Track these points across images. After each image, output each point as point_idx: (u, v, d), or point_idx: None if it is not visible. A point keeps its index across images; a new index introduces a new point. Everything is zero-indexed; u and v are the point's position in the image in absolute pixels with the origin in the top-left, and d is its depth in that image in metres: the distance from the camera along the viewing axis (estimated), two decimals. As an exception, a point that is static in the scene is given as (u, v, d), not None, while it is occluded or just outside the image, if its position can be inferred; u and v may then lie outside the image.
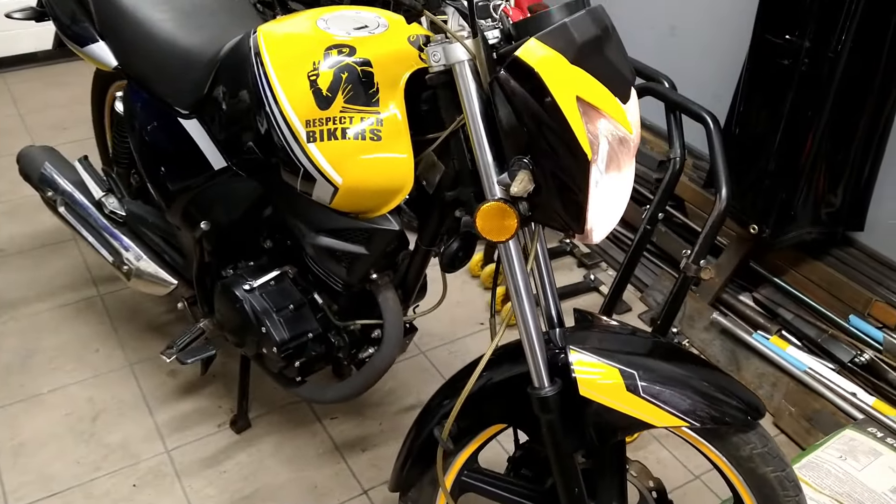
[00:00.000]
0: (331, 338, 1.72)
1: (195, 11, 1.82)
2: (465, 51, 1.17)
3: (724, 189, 1.83)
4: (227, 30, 1.78)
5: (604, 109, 1.16)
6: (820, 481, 1.53)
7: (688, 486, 2.00)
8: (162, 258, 2.03)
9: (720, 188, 1.83)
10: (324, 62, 1.37)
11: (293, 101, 1.37)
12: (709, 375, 1.31)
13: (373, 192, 1.39)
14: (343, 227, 1.46)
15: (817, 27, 1.88)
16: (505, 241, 1.22)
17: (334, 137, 1.35)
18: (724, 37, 2.41)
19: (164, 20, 1.79)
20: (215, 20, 1.81)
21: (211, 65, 1.68)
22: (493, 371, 1.37)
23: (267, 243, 1.80)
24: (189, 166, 1.74)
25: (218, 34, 1.75)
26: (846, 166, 2.06)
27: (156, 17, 1.79)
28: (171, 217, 1.85)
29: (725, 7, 2.40)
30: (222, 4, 1.88)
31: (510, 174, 1.16)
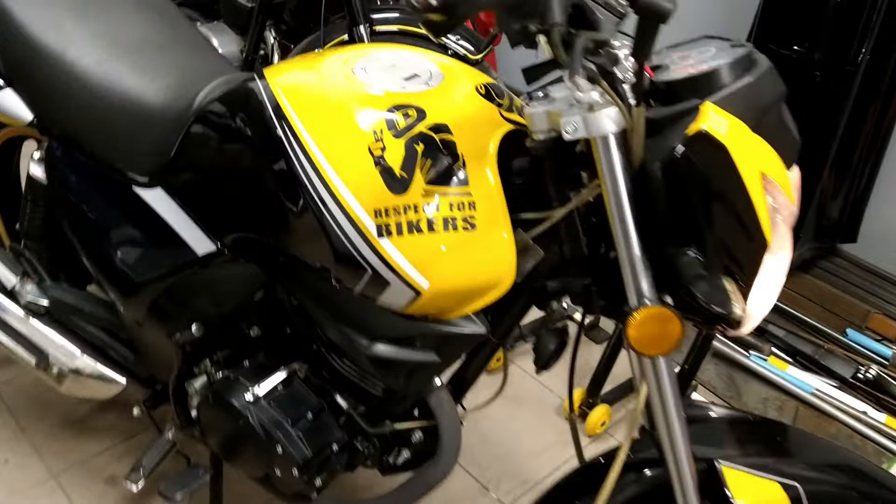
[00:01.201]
0: (357, 445, 1.41)
1: (139, 48, 1.43)
2: (618, 120, 0.92)
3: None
4: (187, 71, 1.41)
5: (778, 182, 0.96)
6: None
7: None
8: (104, 353, 1.63)
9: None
10: (388, 130, 1.06)
11: (353, 185, 1.05)
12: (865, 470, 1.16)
13: (464, 292, 1.10)
14: (411, 333, 1.16)
15: (832, 38, 1.76)
16: (664, 354, 0.99)
17: (416, 230, 1.05)
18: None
19: (100, 61, 1.39)
20: (168, 58, 1.43)
21: (178, 120, 1.32)
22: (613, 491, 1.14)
23: (254, 331, 1.45)
24: (158, 251, 1.37)
25: (177, 78, 1.38)
26: (847, 179, 1.98)
27: (88, 56, 1.39)
28: (129, 312, 1.46)
29: (715, 19, 2.25)
30: (170, 37, 1.49)
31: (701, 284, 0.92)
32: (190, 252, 1.33)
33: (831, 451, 1.20)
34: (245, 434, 1.36)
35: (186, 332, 1.36)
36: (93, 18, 1.44)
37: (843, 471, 1.13)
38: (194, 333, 1.37)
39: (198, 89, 1.34)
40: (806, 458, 1.14)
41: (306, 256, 1.16)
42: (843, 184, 2.00)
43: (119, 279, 1.41)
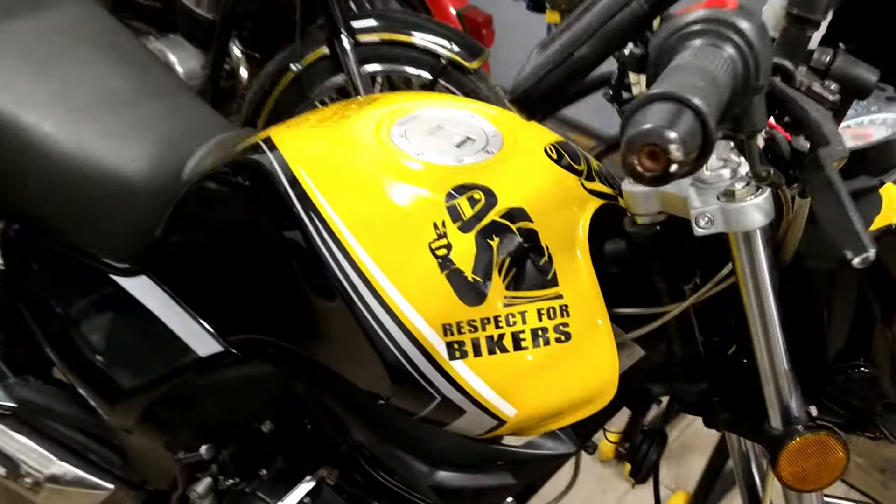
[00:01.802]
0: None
1: (108, 106, 1.18)
2: (767, 211, 0.71)
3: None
4: (169, 131, 1.17)
5: None
6: None
7: None
8: (84, 457, 1.38)
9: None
10: (451, 221, 0.83)
11: (414, 296, 0.83)
12: None
13: (556, 412, 0.89)
14: (485, 457, 0.95)
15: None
16: (824, 487, 0.79)
17: (499, 349, 0.82)
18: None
19: (62, 125, 1.14)
20: (144, 116, 1.18)
21: (163, 194, 1.09)
22: None
23: (266, 426, 1.22)
24: (149, 351, 1.14)
25: (158, 141, 1.14)
26: None
27: (48, 121, 1.13)
28: (115, 421, 1.22)
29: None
30: (143, 88, 1.24)
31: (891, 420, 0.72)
32: (189, 352, 1.10)
33: None
34: (270, 560, 1.14)
35: (193, 453, 1.13)
36: (50, 75, 1.18)
37: None
38: (203, 455, 1.13)
39: (185, 154, 1.11)
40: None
41: (348, 375, 0.94)
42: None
43: (101, 385, 1.17)
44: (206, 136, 1.14)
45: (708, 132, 0.50)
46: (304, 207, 0.88)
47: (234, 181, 1.01)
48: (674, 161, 0.49)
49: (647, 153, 0.50)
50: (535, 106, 0.68)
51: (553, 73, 0.66)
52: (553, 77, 0.66)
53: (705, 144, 0.50)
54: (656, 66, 0.58)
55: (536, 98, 0.67)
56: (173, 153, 1.11)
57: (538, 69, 0.66)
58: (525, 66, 0.69)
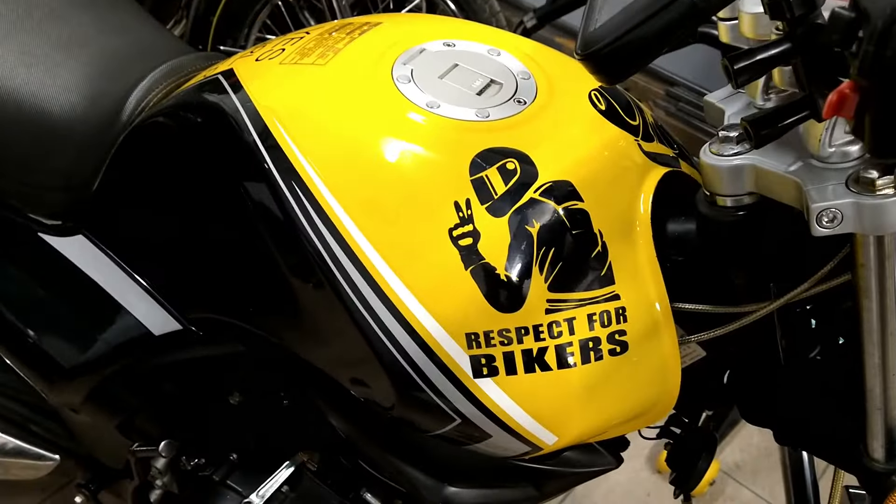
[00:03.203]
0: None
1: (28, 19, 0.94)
2: None
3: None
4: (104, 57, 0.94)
5: None
6: None
7: None
8: (25, 428, 1.21)
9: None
10: (477, 199, 0.64)
11: (428, 298, 0.64)
12: None
13: (601, 433, 0.72)
14: (507, 473, 0.78)
15: None
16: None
17: (539, 366, 0.64)
18: None
19: None
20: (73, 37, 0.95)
21: (98, 134, 0.88)
22: None
23: (234, 397, 1.05)
24: (89, 325, 0.94)
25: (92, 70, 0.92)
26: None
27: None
28: (57, 400, 1.03)
29: None
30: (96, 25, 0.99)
31: None
32: (140, 328, 0.91)
33: None
34: (245, 557, 0.99)
35: (149, 448, 0.96)
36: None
37: None
38: (162, 454, 0.96)
39: (127, 85, 0.89)
40: None
41: (339, 379, 0.75)
42: None
43: (36, 363, 0.98)
44: (152, 60, 0.91)
45: None
46: (281, 171, 0.68)
47: (187, 125, 0.80)
48: None
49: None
50: (622, 66, 0.48)
51: (651, 21, 0.46)
52: (651, 26, 0.46)
53: None
54: None
55: (623, 56, 0.47)
56: (113, 83, 0.89)
57: (628, 17, 0.46)
58: (596, 11, 0.49)
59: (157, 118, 0.83)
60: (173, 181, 0.83)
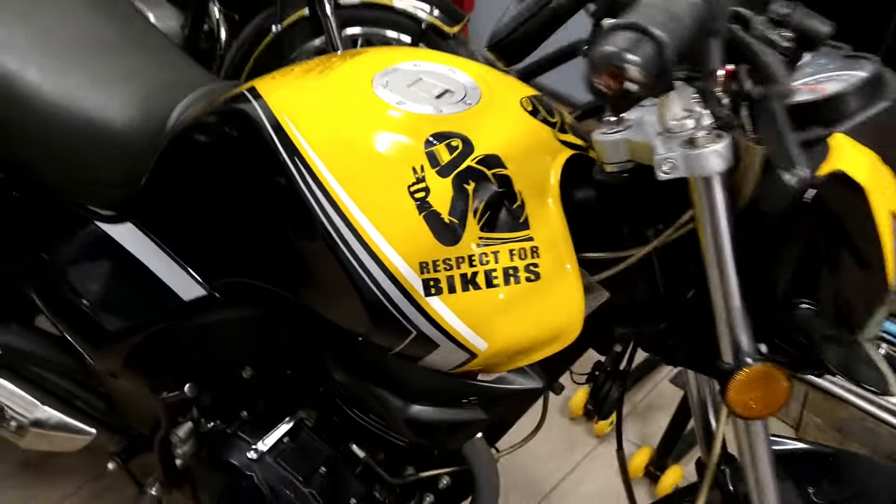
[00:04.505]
0: (377, 495, 1.25)
1: (92, 52, 1.20)
2: (727, 157, 0.76)
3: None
4: (153, 80, 1.19)
5: None
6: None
7: None
8: (68, 402, 1.42)
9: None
10: (430, 166, 0.88)
11: (393, 236, 0.87)
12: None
13: (524, 348, 0.94)
14: (456, 391, 1.00)
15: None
16: (769, 416, 0.86)
17: (472, 286, 0.87)
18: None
19: (47, 76, 1.15)
20: (128, 65, 1.21)
21: (148, 143, 1.12)
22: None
23: (246, 371, 1.27)
24: (133, 296, 1.17)
25: (143, 89, 1.17)
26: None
27: (32, 72, 1.15)
28: (101, 365, 1.25)
29: None
30: (125, 36, 1.26)
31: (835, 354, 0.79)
32: (173, 297, 1.14)
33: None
34: (250, 495, 1.19)
35: (177, 392, 1.17)
36: (32, 20, 1.19)
37: None
38: (187, 394, 1.18)
39: (170, 104, 1.14)
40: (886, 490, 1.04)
41: (328, 314, 0.98)
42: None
43: (87, 330, 1.20)
44: (191, 87, 1.16)
45: (665, 60, 0.56)
46: (289, 153, 0.92)
47: (219, 129, 1.04)
48: (632, 81, 0.55)
49: (609, 73, 0.56)
50: (513, 53, 0.72)
51: (530, 22, 0.71)
52: (530, 25, 0.71)
53: (662, 71, 0.56)
54: (624, 4, 0.63)
55: (514, 45, 0.72)
56: (159, 102, 1.14)
57: (516, 18, 0.70)
58: (504, 16, 0.74)
59: (194, 125, 1.08)
60: (206, 173, 1.07)
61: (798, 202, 0.75)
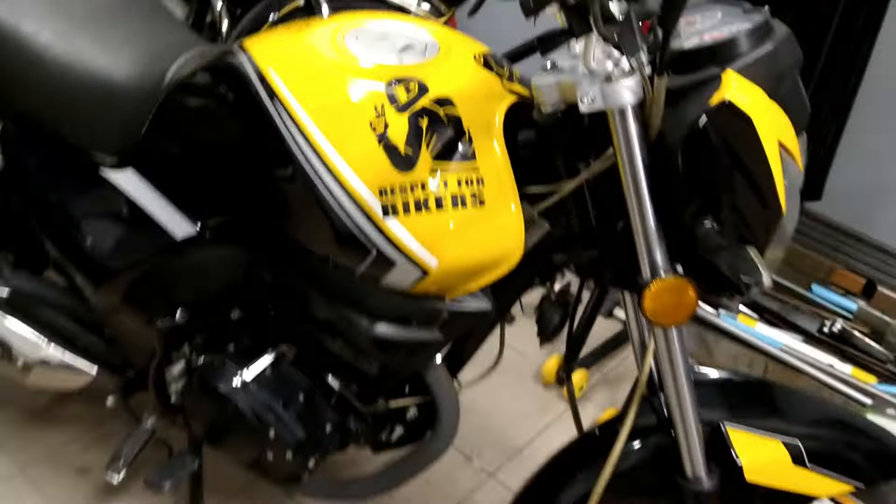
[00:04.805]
0: (350, 425, 1.38)
1: (100, 18, 1.34)
2: (636, 91, 0.89)
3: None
4: (153, 43, 1.33)
5: (791, 150, 0.95)
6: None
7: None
8: (71, 342, 1.54)
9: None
10: (389, 104, 1.01)
11: (356, 164, 1.00)
12: (858, 425, 1.19)
13: (471, 269, 1.07)
14: (414, 311, 1.13)
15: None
16: (679, 323, 0.98)
17: (424, 208, 1.00)
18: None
19: (58, 36, 1.29)
20: (132, 29, 1.34)
21: (147, 97, 1.25)
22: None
23: (235, 313, 1.40)
24: (131, 236, 1.30)
25: (144, 50, 1.30)
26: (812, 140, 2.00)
27: (45, 30, 1.29)
28: (102, 300, 1.38)
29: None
30: (129, 6, 1.40)
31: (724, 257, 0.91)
32: (167, 236, 1.27)
33: (824, 407, 1.23)
34: (235, 420, 1.32)
35: (168, 318, 1.30)
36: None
37: (835, 425, 1.16)
38: (177, 320, 1.31)
39: (167, 62, 1.27)
40: (802, 415, 1.17)
41: (302, 239, 1.11)
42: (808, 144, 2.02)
43: (90, 267, 1.34)
44: (186, 47, 1.30)
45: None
46: (269, 97, 1.06)
47: (210, 80, 1.18)
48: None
49: None
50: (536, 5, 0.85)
51: None
52: None
53: None
54: None
55: None
56: (157, 61, 1.27)
57: None
58: None
59: (188, 78, 1.21)
60: (199, 120, 1.21)
61: (694, 130, 0.88)
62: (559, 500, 1.18)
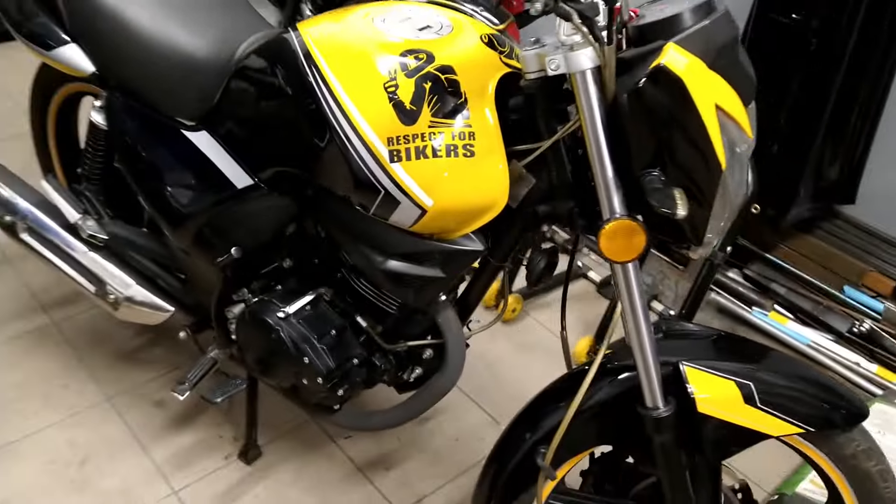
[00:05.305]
0: (375, 361, 1.59)
1: (187, 7, 1.62)
2: (594, 57, 1.07)
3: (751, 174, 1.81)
4: (228, 28, 1.59)
5: (734, 115, 1.11)
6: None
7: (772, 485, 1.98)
8: (155, 284, 1.83)
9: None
10: (401, 71, 1.23)
11: (370, 118, 1.23)
12: (811, 376, 1.31)
13: (463, 212, 1.27)
14: (419, 250, 1.34)
15: (827, 6, 1.89)
16: (631, 261, 1.15)
17: (423, 156, 1.22)
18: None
19: (154, 20, 1.58)
20: (212, 17, 1.62)
21: (222, 70, 1.51)
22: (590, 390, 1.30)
23: (286, 262, 1.64)
24: (203, 185, 1.56)
25: (221, 34, 1.57)
26: (844, 142, 2.10)
27: (144, 17, 1.58)
28: (178, 241, 1.65)
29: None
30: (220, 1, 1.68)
31: (656, 194, 1.08)
32: (231, 186, 1.52)
33: (787, 361, 1.34)
34: (277, 348, 1.55)
35: (227, 256, 1.55)
36: None
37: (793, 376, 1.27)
38: (234, 255, 1.55)
39: (238, 43, 1.53)
40: (763, 364, 1.28)
41: (330, 183, 1.34)
42: (839, 149, 2.12)
43: (169, 212, 1.61)
44: (255, 31, 1.56)
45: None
46: (309, 66, 1.29)
47: (266, 56, 1.43)
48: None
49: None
50: None
51: None
52: None
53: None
54: None
55: None
56: (230, 43, 1.53)
57: None
58: None
59: (252, 55, 1.47)
60: (258, 90, 1.46)
61: (636, 90, 1.06)
62: (542, 425, 1.35)
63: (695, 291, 1.92)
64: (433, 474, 1.94)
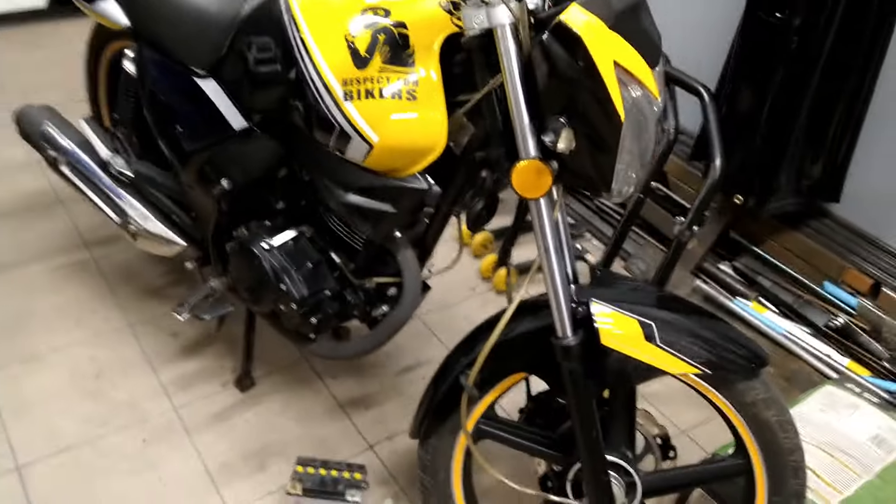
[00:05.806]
0: (347, 296, 1.78)
1: None
2: (509, 14, 1.24)
3: (719, 159, 1.92)
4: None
5: (636, 74, 1.24)
6: (803, 431, 1.64)
7: (691, 432, 2.12)
8: (170, 219, 2.06)
9: (714, 158, 1.93)
10: (361, 23, 1.42)
11: (330, 61, 1.42)
12: (718, 326, 1.41)
13: (406, 151, 1.45)
14: (373, 185, 1.52)
15: (807, 5, 1.99)
16: (538, 197, 1.30)
17: (371, 96, 1.40)
18: (714, 14, 2.51)
19: None
20: None
21: (229, 26, 1.72)
22: (514, 324, 1.45)
23: (279, 204, 1.84)
24: (206, 126, 1.77)
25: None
26: (826, 141, 2.18)
27: (170, -20, 1.81)
28: (185, 177, 1.88)
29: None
30: None
31: (553, 132, 1.23)
32: (229, 128, 1.73)
33: (700, 313, 1.43)
34: (260, 275, 1.75)
35: (219, 186, 1.76)
36: None
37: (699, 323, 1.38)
38: (225, 187, 1.76)
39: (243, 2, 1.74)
40: (672, 310, 1.40)
41: (298, 122, 1.53)
42: (821, 147, 2.20)
43: (179, 149, 1.83)
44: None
45: None
46: (290, 21, 1.49)
47: (262, 14, 1.64)
48: None
49: None
50: None
51: None
52: None
53: None
54: None
55: None
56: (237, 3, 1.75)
57: None
58: None
59: (252, 13, 1.68)
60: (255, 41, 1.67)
61: (540, 44, 1.22)
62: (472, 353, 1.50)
63: (665, 265, 2.03)
64: (407, 415, 2.10)
